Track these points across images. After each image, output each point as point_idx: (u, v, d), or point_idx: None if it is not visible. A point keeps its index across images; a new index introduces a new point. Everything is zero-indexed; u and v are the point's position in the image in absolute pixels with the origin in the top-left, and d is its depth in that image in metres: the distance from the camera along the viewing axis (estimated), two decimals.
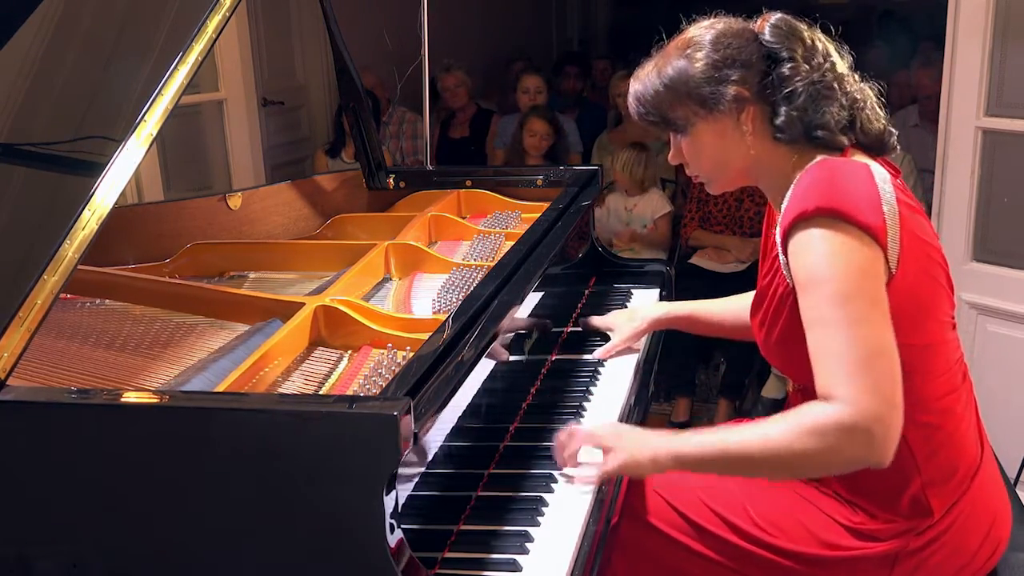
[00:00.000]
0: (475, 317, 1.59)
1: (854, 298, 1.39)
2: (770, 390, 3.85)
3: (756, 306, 1.66)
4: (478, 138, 5.20)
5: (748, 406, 3.92)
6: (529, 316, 1.92)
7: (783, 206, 1.52)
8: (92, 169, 1.41)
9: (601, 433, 1.59)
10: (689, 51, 1.56)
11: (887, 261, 1.44)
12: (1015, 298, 3.00)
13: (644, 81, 1.60)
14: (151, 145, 1.46)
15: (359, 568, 1.23)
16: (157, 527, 1.29)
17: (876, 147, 1.58)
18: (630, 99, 1.64)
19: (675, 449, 1.50)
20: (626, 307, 2.41)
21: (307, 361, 1.71)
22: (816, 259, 1.42)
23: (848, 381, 1.36)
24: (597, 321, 2.18)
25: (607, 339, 2.15)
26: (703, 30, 1.57)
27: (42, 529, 1.32)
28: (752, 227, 3.99)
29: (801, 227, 1.44)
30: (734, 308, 2.01)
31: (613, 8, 9.15)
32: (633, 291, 2.51)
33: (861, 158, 1.54)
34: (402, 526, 1.23)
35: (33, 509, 1.32)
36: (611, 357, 2.09)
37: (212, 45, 1.54)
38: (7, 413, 1.30)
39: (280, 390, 1.60)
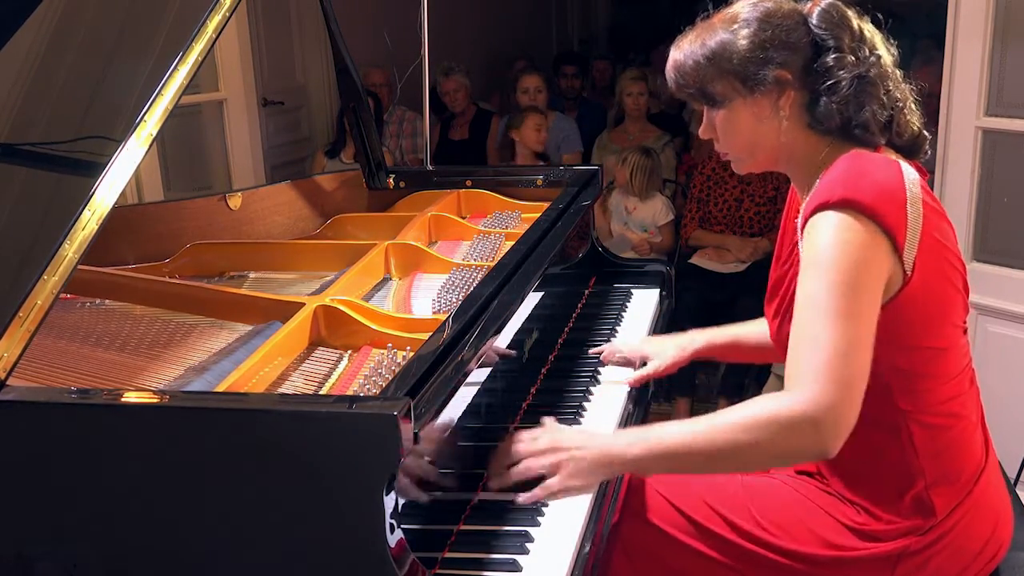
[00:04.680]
0: (475, 317, 1.59)
1: (849, 291, 1.39)
2: (770, 390, 3.85)
3: (772, 294, 1.65)
4: (478, 140, 5.20)
5: None
6: (528, 317, 1.92)
7: (810, 193, 1.51)
8: (92, 169, 1.41)
9: (540, 463, 1.48)
10: (736, 27, 1.52)
11: (902, 262, 1.43)
12: (1015, 298, 3.00)
13: (685, 51, 1.57)
14: (151, 145, 1.45)
15: (359, 568, 1.23)
16: (157, 527, 1.28)
17: (908, 149, 1.56)
18: (668, 68, 1.60)
19: (621, 449, 1.47)
20: (626, 308, 2.41)
21: (307, 361, 1.71)
22: (823, 245, 1.42)
23: (813, 371, 1.37)
24: (627, 352, 2.06)
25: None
26: (751, 7, 1.54)
27: (42, 529, 1.32)
28: (752, 227, 3.99)
29: (821, 213, 1.44)
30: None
31: (613, 8, 9.16)
32: (633, 291, 2.51)
33: (892, 156, 1.53)
34: (402, 526, 1.23)
35: (33, 509, 1.32)
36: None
37: (212, 45, 1.54)
38: (7, 413, 1.30)
39: (280, 390, 1.60)
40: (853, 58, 1.50)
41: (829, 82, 1.50)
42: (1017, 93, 2.93)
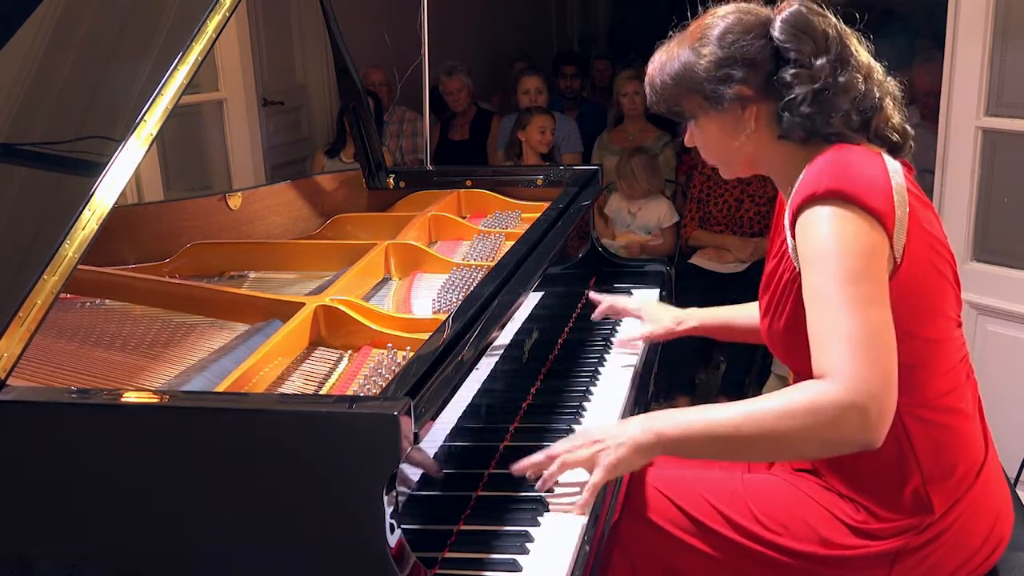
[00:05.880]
0: (475, 317, 1.59)
1: (859, 278, 1.39)
2: (770, 390, 3.85)
3: (763, 291, 1.66)
4: (478, 140, 5.20)
5: None
6: (528, 317, 1.92)
7: (793, 189, 1.51)
8: (92, 169, 1.41)
9: (578, 456, 1.49)
10: (697, 45, 1.55)
11: (892, 249, 1.44)
12: (1015, 298, 3.00)
13: (656, 69, 1.61)
14: (151, 145, 1.46)
15: (359, 568, 1.23)
16: (157, 527, 1.28)
17: (891, 147, 1.57)
18: (645, 82, 1.65)
19: (658, 430, 1.46)
20: None
21: (307, 361, 1.71)
22: (823, 238, 1.42)
23: (847, 359, 1.35)
24: (625, 303, 2.14)
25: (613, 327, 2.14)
26: (716, 20, 1.55)
27: (42, 529, 1.32)
28: (752, 227, 3.99)
29: (809, 207, 1.44)
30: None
31: (613, 8, 9.16)
32: (633, 291, 2.51)
33: (875, 149, 1.54)
34: (402, 526, 1.23)
35: (33, 509, 1.32)
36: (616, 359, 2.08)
37: (212, 45, 1.54)
38: (7, 413, 1.30)
39: (280, 390, 1.60)
40: (811, 71, 1.50)
41: (788, 97, 1.50)
42: (1017, 93, 2.93)
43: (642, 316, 2.10)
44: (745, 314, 1.99)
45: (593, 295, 2.20)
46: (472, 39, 6.33)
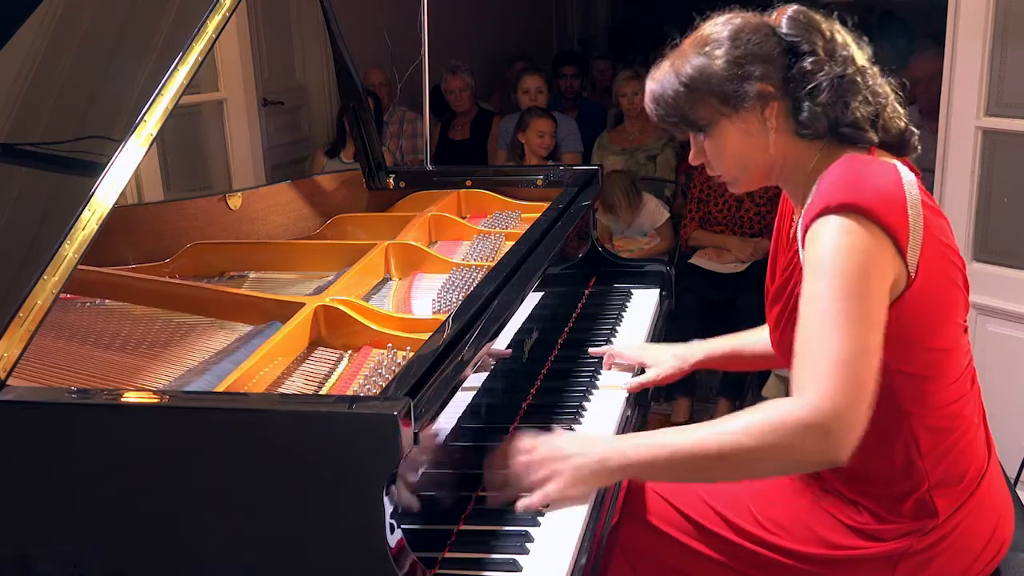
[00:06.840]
0: (475, 317, 1.59)
1: (854, 298, 1.38)
2: (770, 390, 3.85)
3: (774, 300, 1.64)
4: (479, 140, 5.20)
5: (748, 406, 3.91)
6: (528, 317, 1.92)
7: (808, 201, 1.50)
8: (92, 169, 1.41)
9: (536, 460, 1.48)
10: (708, 48, 1.52)
11: (906, 265, 1.42)
12: (1015, 298, 3.00)
13: (662, 81, 1.55)
14: (151, 145, 1.46)
15: (359, 568, 1.23)
16: (157, 527, 1.28)
17: (898, 146, 1.56)
18: (647, 101, 1.59)
19: (622, 452, 1.45)
20: (626, 308, 2.41)
21: (307, 361, 1.71)
22: (828, 250, 1.40)
23: (820, 377, 1.34)
24: (628, 355, 2.04)
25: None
26: (720, 26, 1.53)
27: (42, 529, 1.32)
28: (752, 227, 3.99)
29: (823, 218, 1.42)
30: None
31: (613, 8, 9.17)
32: (633, 291, 2.51)
33: (887, 159, 1.53)
34: (402, 526, 1.23)
35: (33, 509, 1.32)
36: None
37: (212, 45, 1.54)
38: (7, 413, 1.30)
39: (280, 390, 1.60)
40: (829, 59, 1.50)
41: (809, 86, 1.49)
42: (1017, 93, 2.93)
43: (645, 362, 2.02)
44: (750, 341, 1.94)
45: (593, 350, 2.11)
46: (472, 39, 6.33)
